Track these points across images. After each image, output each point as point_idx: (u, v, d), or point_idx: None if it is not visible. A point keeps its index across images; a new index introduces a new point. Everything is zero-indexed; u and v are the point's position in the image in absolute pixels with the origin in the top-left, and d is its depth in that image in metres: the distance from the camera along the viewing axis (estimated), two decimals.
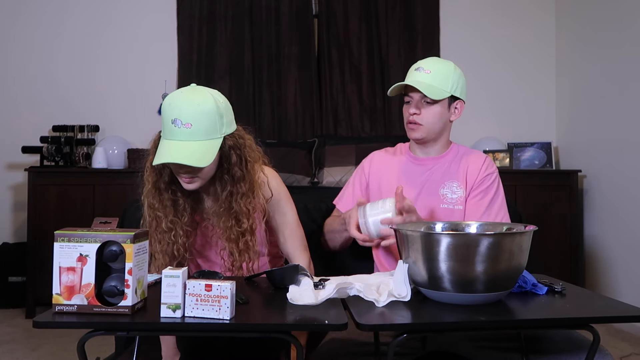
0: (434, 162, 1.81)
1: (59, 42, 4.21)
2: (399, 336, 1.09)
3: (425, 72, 1.73)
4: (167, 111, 1.49)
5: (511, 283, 1.22)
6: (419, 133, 1.76)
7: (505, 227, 1.37)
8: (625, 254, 3.56)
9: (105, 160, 3.85)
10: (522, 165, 4.14)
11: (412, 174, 1.81)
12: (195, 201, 1.65)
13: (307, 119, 4.25)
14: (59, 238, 1.13)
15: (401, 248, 1.26)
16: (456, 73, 1.77)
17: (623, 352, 2.94)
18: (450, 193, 1.76)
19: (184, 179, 1.52)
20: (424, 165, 1.81)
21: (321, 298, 1.18)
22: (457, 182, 1.77)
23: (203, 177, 1.53)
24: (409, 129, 1.79)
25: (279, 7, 4.29)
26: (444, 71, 1.75)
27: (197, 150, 1.46)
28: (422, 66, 1.75)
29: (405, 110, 1.79)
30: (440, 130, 1.78)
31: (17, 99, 4.17)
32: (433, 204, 1.75)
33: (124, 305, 1.11)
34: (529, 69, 4.45)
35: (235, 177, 1.56)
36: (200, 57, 4.24)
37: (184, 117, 1.46)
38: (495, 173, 1.79)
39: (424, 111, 1.74)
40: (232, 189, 1.56)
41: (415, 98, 1.75)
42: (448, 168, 1.79)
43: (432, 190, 1.77)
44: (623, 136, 3.58)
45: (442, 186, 1.77)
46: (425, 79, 1.72)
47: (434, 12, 4.37)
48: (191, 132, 1.46)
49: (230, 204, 1.56)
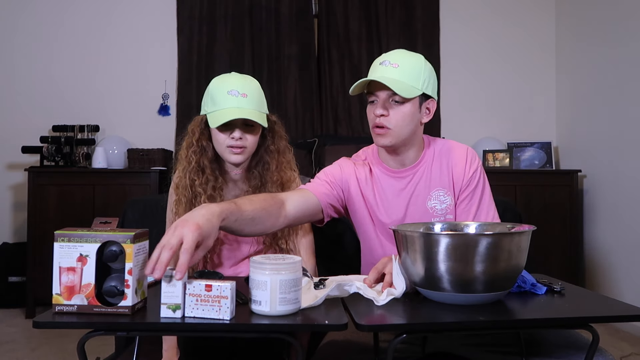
0: (412, 172, 1.60)
1: (59, 42, 4.21)
2: (398, 336, 1.09)
3: (393, 67, 1.49)
4: (220, 86, 1.60)
5: (510, 283, 1.22)
6: (387, 139, 1.52)
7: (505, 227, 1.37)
8: (625, 254, 3.56)
9: (105, 160, 3.85)
10: (522, 165, 4.14)
11: (393, 189, 1.61)
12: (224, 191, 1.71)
13: (307, 119, 4.26)
14: (59, 238, 1.13)
15: (400, 248, 1.26)
16: (427, 67, 1.54)
17: (623, 352, 2.95)
18: (438, 204, 1.58)
19: (234, 149, 1.60)
20: (403, 178, 1.61)
21: (321, 297, 1.18)
22: (444, 190, 1.59)
23: (250, 148, 1.63)
24: (375, 134, 1.54)
25: (279, 7, 4.29)
26: (413, 65, 1.52)
27: (255, 114, 1.58)
28: (389, 59, 1.51)
29: (369, 111, 1.56)
30: (410, 134, 1.54)
31: (17, 99, 4.18)
32: (424, 219, 1.57)
33: (124, 305, 1.11)
34: (528, 69, 4.45)
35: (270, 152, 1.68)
36: (200, 57, 4.24)
37: (239, 88, 1.59)
38: (480, 168, 1.61)
39: (392, 112, 1.51)
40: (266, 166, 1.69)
41: (382, 97, 1.52)
42: (429, 175, 1.60)
43: (419, 205, 1.59)
44: (623, 136, 3.58)
45: (429, 198, 1.59)
46: (392, 74, 1.49)
47: (434, 12, 4.38)
48: (248, 101, 1.59)
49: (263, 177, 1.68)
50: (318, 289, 1.29)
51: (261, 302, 1.11)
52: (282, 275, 1.11)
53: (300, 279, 1.15)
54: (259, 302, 1.11)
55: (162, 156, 3.88)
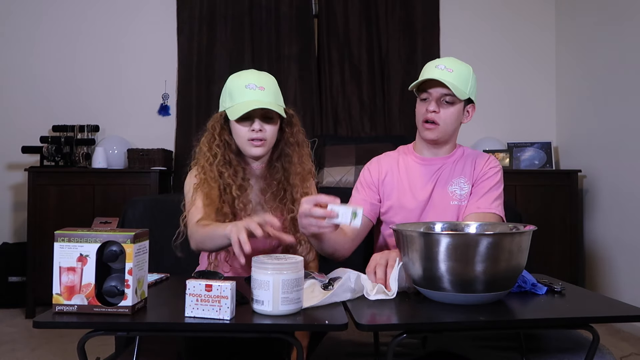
0: (442, 161, 1.78)
1: (60, 42, 4.21)
2: (398, 336, 1.09)
3: (448, 71, 1.68)
4: (237, 81, 1.65)
5: (511, 283, 1.22)
6: (435, 134, 1.72)
7: (506, 227, 1.37)
8: (625, 254, 3.56)
9: (105, 160, 3.85)
10: (522, 165, 4.14)
11: (422, 174, 1.78)
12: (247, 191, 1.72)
13: (307, 119, 4.25)
14: (59, 238, 1.13)
15: (400, 248, 1.26)
16: (474, 77, 1.75)
17: (623, 352, 2.94)
18: (458, 189, 1.74)
19: (254, 142, 1.64)
20: (433, 165, 1.78)
21: (325, 300, 1.19)
22: (465, 178, 1.75)
23: (270, 140, 1.67)
24: (425, 128, 1.73)
25: (279, 7, 4.29)
26: (464, 72, 1.72)
27: (274, 105, 1.63)
28: (444, 64, 1.70)
29: (420, 107, 1.74)
30: (453, 131, 1.76)
31: (17, 99, 4.17)
32: (444, 202, 1.74)
33: (124, 305, 1.11)
34: (529, 69, 4.45)
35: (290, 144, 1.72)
36: (200, 57, 4.24)
37: (257, 82, 1.63)
38: (499, 168, 1.78)
39: (442, 110, 1.70)
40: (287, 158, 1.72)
41: (435, 95, 1.70)
42: (455, 166, 1.77)
43: (441, 188, 1.75)
44: (623, 136, 3.58)
45: (451, 183, 1.75)
46: (448, 77, 1.67)
47: (434, 12, 4.37)
48: (265, 94, 1.64)
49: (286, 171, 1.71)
50: (327, 290, 1.29)
51: (263, 302, 1.11)
52: (285, 275, 1.11)
53: (301, 278, 1.15)
54: (262, 302, 1.11)
55: (162, 156, 3.88)
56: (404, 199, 1.76)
